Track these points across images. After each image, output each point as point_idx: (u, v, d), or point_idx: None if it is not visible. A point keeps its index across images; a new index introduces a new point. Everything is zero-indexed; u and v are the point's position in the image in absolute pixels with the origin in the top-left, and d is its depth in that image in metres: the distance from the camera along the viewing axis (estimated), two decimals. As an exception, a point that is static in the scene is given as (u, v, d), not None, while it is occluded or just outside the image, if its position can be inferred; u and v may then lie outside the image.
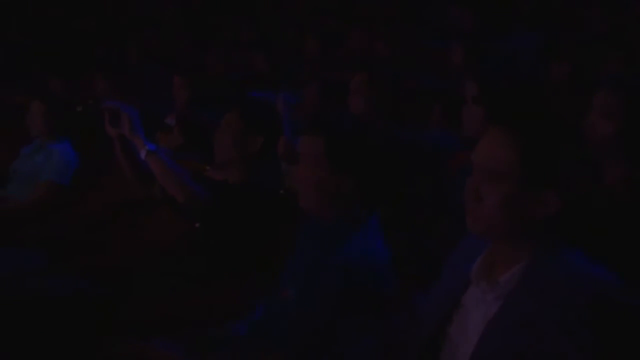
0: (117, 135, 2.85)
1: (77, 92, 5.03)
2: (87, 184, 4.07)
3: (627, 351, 1.54)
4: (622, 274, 1.62)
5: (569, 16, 5.53)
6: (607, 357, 1.54)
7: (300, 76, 4.51)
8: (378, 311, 2.04)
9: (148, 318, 2.73)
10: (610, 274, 1.65)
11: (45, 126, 4.20)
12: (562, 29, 5.35)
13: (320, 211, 2.20)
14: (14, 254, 3.38)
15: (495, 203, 1.70)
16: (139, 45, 6.03)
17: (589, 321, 1.54)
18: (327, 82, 3.99)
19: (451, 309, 1.81)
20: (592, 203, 2.12)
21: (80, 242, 3.52)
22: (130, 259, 3.19)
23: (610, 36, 4.81)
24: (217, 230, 2.92)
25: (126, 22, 7.10)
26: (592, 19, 5.33)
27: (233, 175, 3.03)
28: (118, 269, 3.12)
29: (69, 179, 4.10)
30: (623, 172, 2.38)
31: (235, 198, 2.91)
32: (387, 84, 3.58)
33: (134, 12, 7.35)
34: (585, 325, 1.54)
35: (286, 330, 2.18)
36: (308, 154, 2.20)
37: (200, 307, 2.73)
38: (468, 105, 2.90)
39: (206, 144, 3.35)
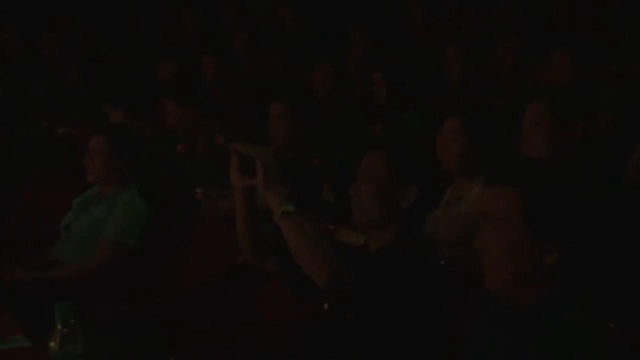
0: (243, 187, 2.69)
1: (149, 125, 4.99)
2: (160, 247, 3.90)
3: None
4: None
5: None
6: None
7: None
8: None
9: None
10: None
11: (108, 169, 3.98)
12: None
13: (515, 289, 2.08)
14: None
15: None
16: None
17: None
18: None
19: None
20: None
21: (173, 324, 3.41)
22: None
23: None
24: (368, 320, 2.63)
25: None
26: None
27: (377, 238, 2.77)
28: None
29: (134, 238, 3.91)
30: None
31: (393, 275, 2.63)
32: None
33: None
34: None
35: None
36: (497, 210, 2.08)
37: None
38: None
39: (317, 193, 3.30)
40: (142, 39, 7.38)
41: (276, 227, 2.67)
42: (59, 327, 2.25)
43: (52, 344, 2.28)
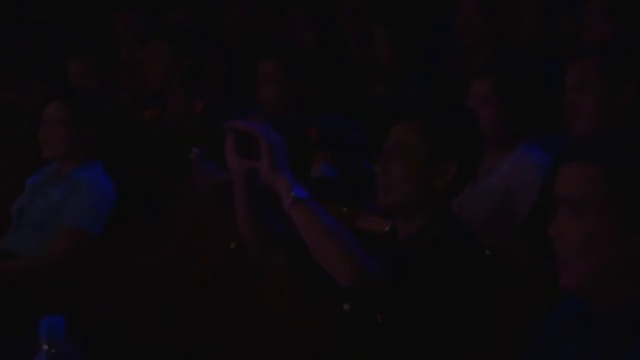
0: (244, 171, 2.60)
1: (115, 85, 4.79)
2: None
3: None
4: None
5: None
6: None
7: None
8: None
9: None
10: None
11: (69, 142, 3.81)
12: None
13: (601, 291, 1.96)
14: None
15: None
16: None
17: None
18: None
19: None
20: None
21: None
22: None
23: None
24: (401, 323, 2.50)
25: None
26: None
27: (407, 224, 2.63)
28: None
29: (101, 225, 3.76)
30: None
31: (429, 269, 2.48)
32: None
33: None
34: None
35: None
36: (576, 192, 1.97)
37: None
38: None
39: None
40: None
41: (284, 216, 2.57)
42: (45, 347, 2.06)
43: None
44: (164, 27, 4.77)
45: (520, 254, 2.81)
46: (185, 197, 3.82)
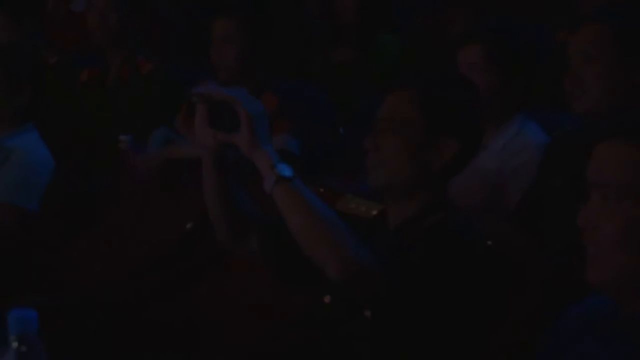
0: (215, 145, 2.49)
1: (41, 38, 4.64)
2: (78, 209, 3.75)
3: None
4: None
5: None
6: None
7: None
8: None
9: None
10: None
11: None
12: None
13: (636, 292, 1.88)
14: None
15: None
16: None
17: None
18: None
19: None
20: None
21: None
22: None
23: None
24: (392, 320, 2.43)
25: None
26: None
27: (399, 209, 2.54)
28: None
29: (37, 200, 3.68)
30: None
31: (424, 259, 2.39)
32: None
33: None
34: None
35: None
36: (612, 176, 1.88)
37: None
38: None
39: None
40: None
41: (256, 197, 2.56)
42: (15, 344, 1.94)
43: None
44: None
45: (519, 244, 2.73)
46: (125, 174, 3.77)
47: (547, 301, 2.50)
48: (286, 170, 2.36)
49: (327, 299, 2.56)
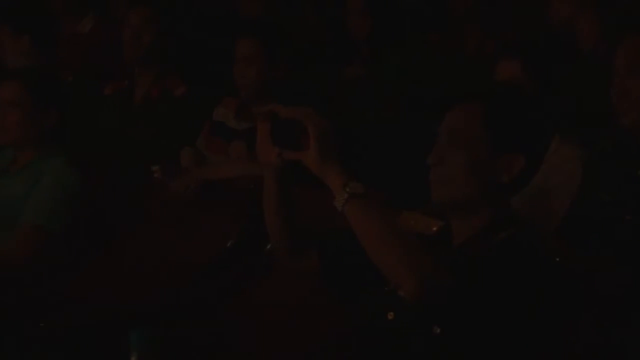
0: (279, 162, 2.48)
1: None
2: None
3: None
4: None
5: None
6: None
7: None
8: None
9: None
10: None
11: (28, 127, 3.67)
12: None
13: None
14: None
15: None
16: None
17: None
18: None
19: None
20: None
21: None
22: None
23: None
24: (462, 339, 2.39)
25: None
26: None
27: (464, 225, 2.51)
28: None
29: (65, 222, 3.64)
30: None
31: (495, 277, 2.33)
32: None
33: None
34: None
35: None
36: None
37: None
38: None
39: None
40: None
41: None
42: None
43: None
44: None
45: (575, 259, 2.70)
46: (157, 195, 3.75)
47: (615, 315, 2.48)
48: (358, 188, 2.34)
49: (390, 315, 2.51)
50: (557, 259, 2.54)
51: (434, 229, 2.69)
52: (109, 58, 4.95)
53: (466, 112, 2.43)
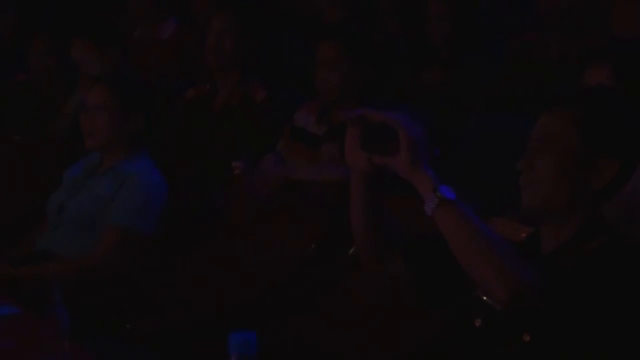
0: (368, 167, 2.47)
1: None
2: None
3: None
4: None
5: None
6: None
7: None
8: None
9: None
10: None
11: (115, 130, 3.70)
12: None
13: None
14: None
15: None
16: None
17: None
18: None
19: None
20: None
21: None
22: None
23: None
24: (556, 342, 2.33)
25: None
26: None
27: (555, 232, 2.46)
28: None
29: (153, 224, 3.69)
30: None
31: (594, 290, 2.29)
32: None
33: None
34: None
35: None
36: None
37: None
38: None
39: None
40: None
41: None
42: None
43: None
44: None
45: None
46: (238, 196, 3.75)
47: None
48: (449, 193, 2.32)
49: (477, 322, 2.49)
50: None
51: (523, 235, 2.67)
52: (189, 63, 5.01)
53: (562, 116, 2.38)
